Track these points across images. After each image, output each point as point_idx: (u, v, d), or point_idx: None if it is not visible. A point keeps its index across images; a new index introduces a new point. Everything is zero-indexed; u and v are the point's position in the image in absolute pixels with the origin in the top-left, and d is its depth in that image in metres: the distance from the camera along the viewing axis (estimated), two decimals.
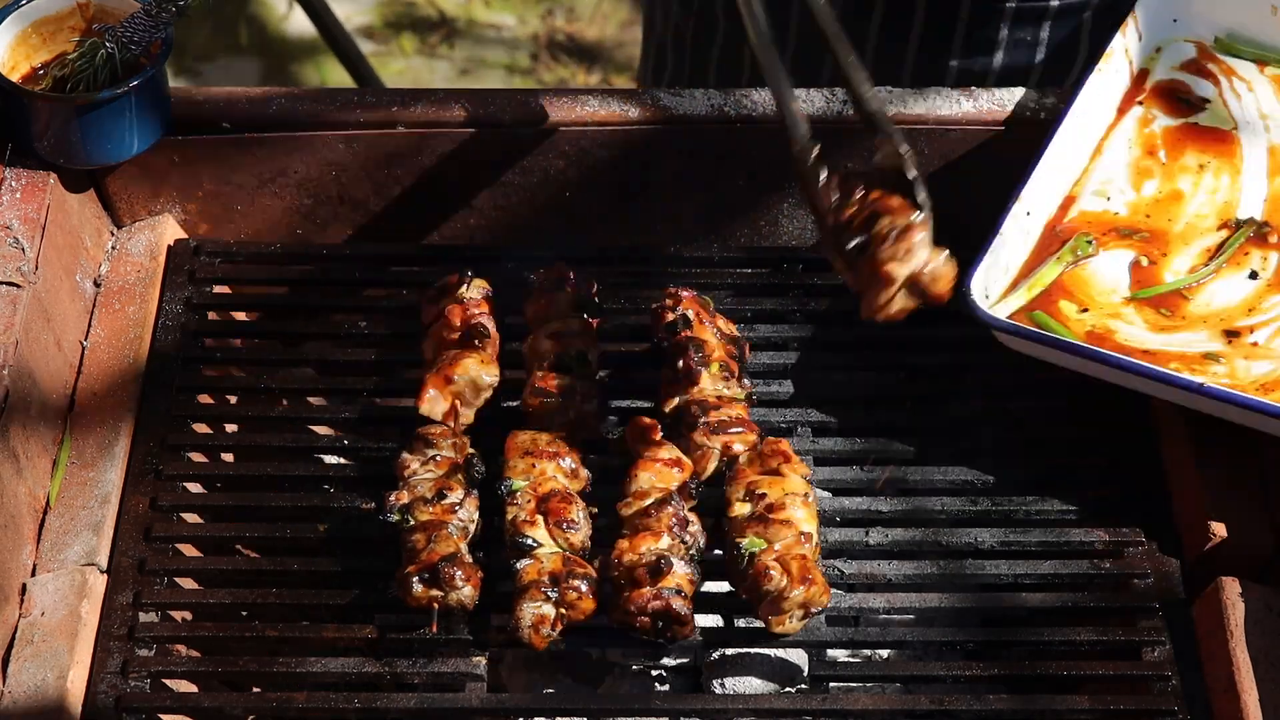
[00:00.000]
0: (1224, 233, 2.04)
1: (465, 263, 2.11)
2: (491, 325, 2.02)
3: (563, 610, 1.80)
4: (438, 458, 1.90)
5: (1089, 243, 2.01)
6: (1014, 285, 1.97)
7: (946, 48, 2.34)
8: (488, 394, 1.99)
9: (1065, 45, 2.34)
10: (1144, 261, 2.01)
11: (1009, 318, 1.93)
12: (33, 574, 1.89)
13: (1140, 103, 2.13)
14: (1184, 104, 2.15)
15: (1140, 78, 2.14)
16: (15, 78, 2.05)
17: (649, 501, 1.86)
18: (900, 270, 1.73)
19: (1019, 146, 2.06)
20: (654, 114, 2.13)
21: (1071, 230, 2.02)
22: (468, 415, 1.98)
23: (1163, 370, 1.87)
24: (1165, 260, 2.02)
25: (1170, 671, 1.83)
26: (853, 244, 1.75)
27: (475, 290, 2.04)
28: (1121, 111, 2.12)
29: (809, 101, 2.12)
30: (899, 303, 1.75)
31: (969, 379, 2.06)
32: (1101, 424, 2.01)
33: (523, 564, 1.82)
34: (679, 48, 2.53)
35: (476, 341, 1.99)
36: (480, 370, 1.97)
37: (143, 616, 1.87)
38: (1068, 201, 2.05)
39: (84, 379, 2.03)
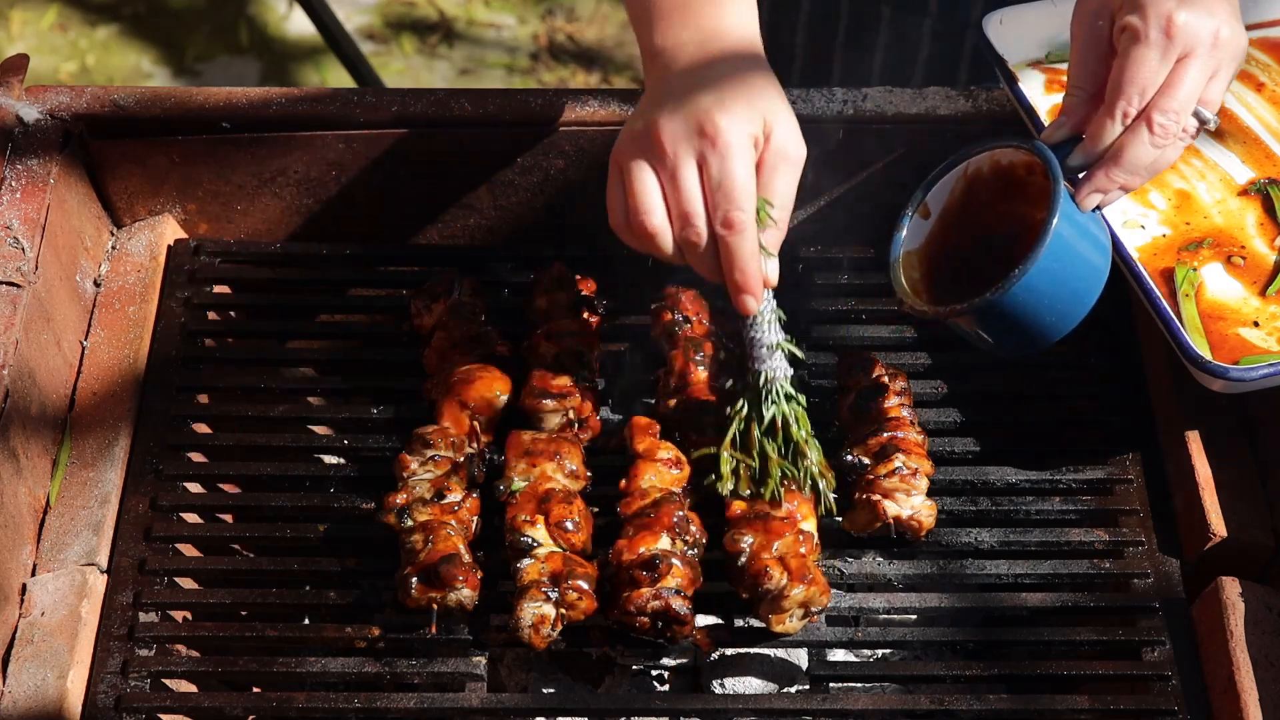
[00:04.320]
0: (1251, 200, 2.02)
1: (464, 263, 2.11)
2: (496, 334, 2.02)
3: (563, 610, 1.80)
4: (436, 458, 1.90)
5: (1191, 269, 1.97)
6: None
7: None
8: (502, 410, 1.98)
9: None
10: (1237, 261, 1.99)
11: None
12: (33, 574, 1.89)
13: None
14: None
15: (1031, 115, 2.06)
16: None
17: (649, 501, 1.86)
18: (892, 510, 1.88)
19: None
20: None
21: (1153, 269, 1.97)
22: (488, 435, 1.97)
23: None
24: (1250, 248, 2.00)
25: (1170, 671, 1.83)
26: (855, 461, 1.91)
27: (468, 295, 2.04)
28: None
29: (807, 102, 2.13)
30: (872, 527, 1.90)
31: (967, 380, 2.06)
32: (1102, 424, 2.01)
33: (523, 564, 1.82)
34: None
35: (488, 361, 1.98)
36: (496, 389, 1.96)
37: (143, 616, 1.87)
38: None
39: (84, 379, 2.03)
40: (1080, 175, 1.82)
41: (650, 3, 1.83)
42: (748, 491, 1.86)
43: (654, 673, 1.94)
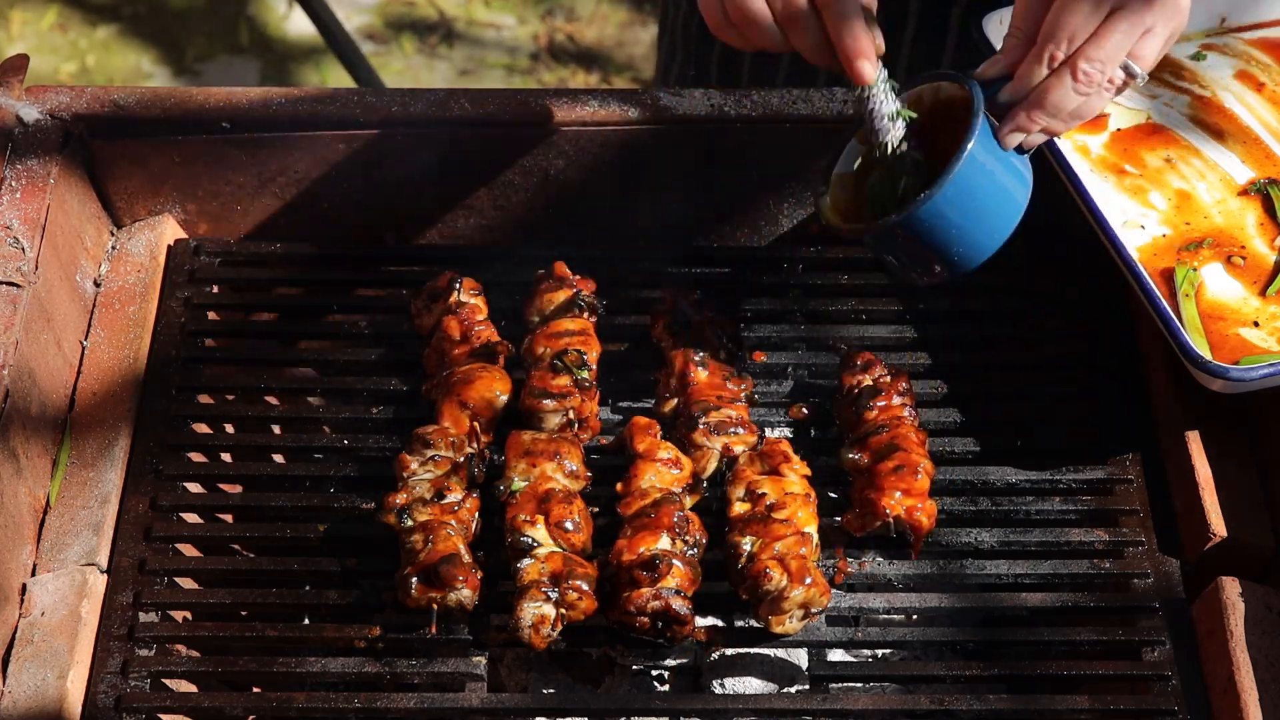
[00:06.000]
0: (1251, 200, 2.02)
1: (464, 263, 2.11)
2: (495, 334, 2.02)
3: (563, 610, 1.80)
4: (436, 458, 1.90)
5: (1191, 269, 1.96)
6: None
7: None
8: (502, 410, 1.98)
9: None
10: (1237, 261, 1.99)
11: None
12: (33, 574, 1.89)
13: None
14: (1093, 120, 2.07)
15: None
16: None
17: (649, 501, 1.86)
18: (896, 510, 1.87)
19: None
20: (654, 114, 2.13)
21: (1153, 269, 1.97)
22: (487, 435, 1.97)
23: None
24: (1250, 248, 2.00)
25: (1170, 671, 1.83)
26: (856, 458, 1.92)
27: (468, 294, 2.04)
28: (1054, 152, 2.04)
29: (807, 102, 2.13)
30: (872, 527, 1.90)
31: (967, 380, 2.06)
32: (1102, 424, 2.01)
33: (523, 564, 1.82)
34: (687, 40, 2.54)
35: (488, 361, 1.98)
36: (496, 390, 1.96)
37: (143, 616, 1.87)
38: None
39: (84, 379, 2.03)
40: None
41: None
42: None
43: (654, 673, 1.94)
